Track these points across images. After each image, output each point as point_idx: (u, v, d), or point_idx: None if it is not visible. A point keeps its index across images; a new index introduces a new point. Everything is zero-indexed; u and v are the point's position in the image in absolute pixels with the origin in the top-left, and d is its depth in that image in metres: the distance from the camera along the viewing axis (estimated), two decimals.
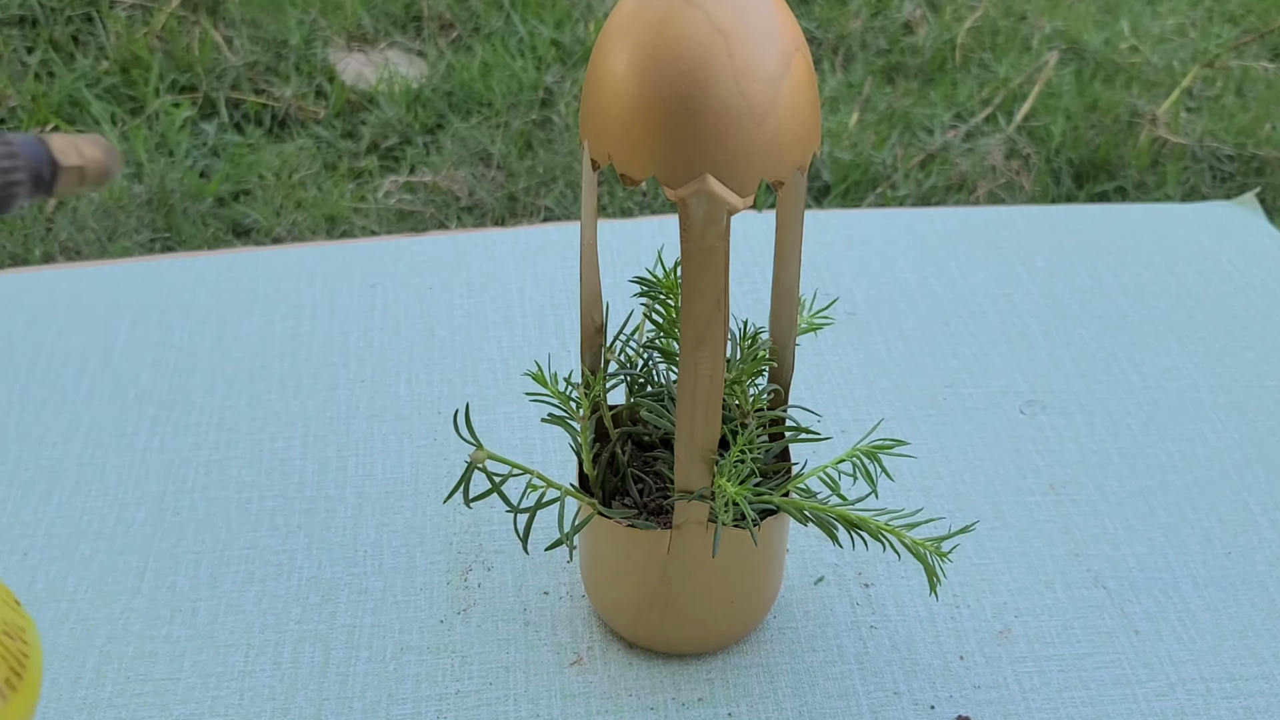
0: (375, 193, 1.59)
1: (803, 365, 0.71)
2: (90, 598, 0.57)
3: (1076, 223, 0.84)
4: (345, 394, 0.69)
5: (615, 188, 1.61)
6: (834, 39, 1.93)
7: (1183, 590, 0.58)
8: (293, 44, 1.81)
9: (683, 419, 0.46)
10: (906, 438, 0.66)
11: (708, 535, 0.49)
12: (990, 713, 0.53)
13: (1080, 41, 1.91)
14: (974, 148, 1.70)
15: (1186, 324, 0.75)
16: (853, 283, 0.78)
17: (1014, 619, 0.57)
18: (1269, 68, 1.88)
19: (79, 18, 1.82)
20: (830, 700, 0.53)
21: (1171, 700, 0.53)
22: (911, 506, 0.62)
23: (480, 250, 0.80)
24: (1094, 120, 1.75)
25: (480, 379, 0.70)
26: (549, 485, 0.48)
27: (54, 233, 1.48)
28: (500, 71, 1.78)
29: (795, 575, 0.59)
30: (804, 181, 0.45)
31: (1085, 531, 0.61)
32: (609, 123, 0.41)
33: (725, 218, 0.41)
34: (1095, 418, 0.68)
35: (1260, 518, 0.62)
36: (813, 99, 0.42)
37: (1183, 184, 1.67)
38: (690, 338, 0.44)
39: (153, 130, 1.65)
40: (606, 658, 0.55)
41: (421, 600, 0.57)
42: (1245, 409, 0.69)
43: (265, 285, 0.77)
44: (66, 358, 0.71)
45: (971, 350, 0.73)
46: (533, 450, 0.65)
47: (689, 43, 0.39)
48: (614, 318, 0.55)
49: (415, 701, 0.53)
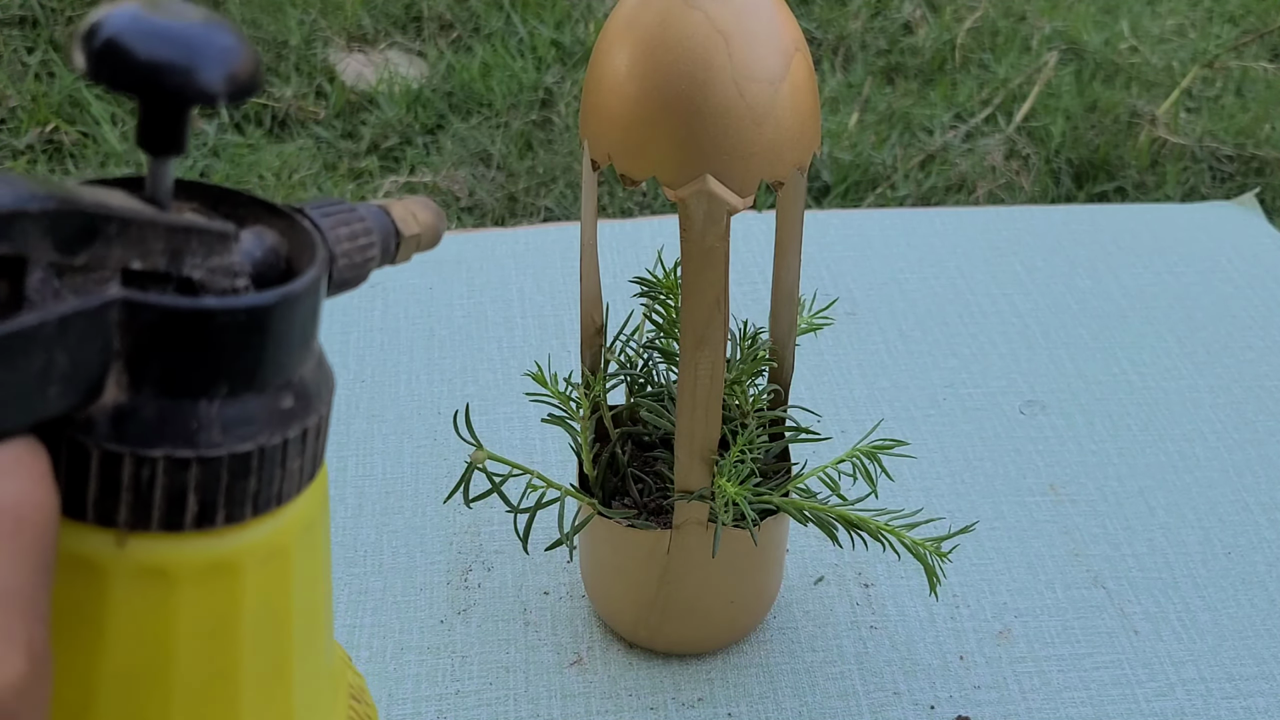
0: (375, 193, 1.59)
1: (803, 365, 0.71)
2: None
3: (1076, 223, 0.84)
4: (345, 394, 0.69)
5: (615, 188, 1.61)
6: (834, 39, 1.93)
7: (1183, 590, 0.58)
8: (293, 44, 1.81)
9: (683, 419, 0.46)
10: (906, 438, 0.66)
11: (708, 535, 0.49)
12: (990, 713, 0.53)
13: (1080, 42, 1.91)
14: (974, 148, 1.70)
15: (1186, 324, 0.75)
16: (853, 283, 0.78)
17: (1014, 619, 0.57)
18: (1269, 68, 1.88)
19: (79, 18, 1.82)
20: (830, 700, 0.53)
21: (1171, 700, 0.53)
22: (911, 507, 0.62)
23: (480, 250, 0.80)
24: (1094, 120, 1.75)
25: (480, 379, 0.70)
26: (549, 485, 0.48)
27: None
28: (500, 72, 1.78)
29: (795, 575, 0.59)
30: (804, 181, 0.45)
31: (1085, 531, 0.61)
32: (609, 123, 0.41)
33: (725, 218, 0.41)
34: (1095, 418, 0.68)
35: (1260, 518, 0.62)
36: (813, 99, 0.42)
37: (1182, 184, 1.67)
38: (690, 338, 0.44)
39: None
40: (606, 658, 0.55)
41: (421, 600, 0.57)
42: (1245, 409, 0.69)
43: None
44: None
45: (971, 350, 0.73)
46: (533, 450, 0.65)
47: (689, 43, 0.39)
48: (614, 318, 0.55)
49: (415, 701, 0.53)
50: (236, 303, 0.23)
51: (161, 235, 0.23)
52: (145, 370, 0.23)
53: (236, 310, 0.23)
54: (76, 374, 0.22)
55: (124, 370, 0.23)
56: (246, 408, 0.24)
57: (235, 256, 0.25)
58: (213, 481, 0.24)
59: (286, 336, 0.24)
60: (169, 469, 0.23)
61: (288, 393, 0.25)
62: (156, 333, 0.23)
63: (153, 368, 0.23)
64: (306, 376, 0.26)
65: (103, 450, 0.23)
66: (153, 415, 0.23)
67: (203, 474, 0.24)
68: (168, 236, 0.23)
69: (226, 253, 0.25)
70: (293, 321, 0.24)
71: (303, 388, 0.25)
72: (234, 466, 0.24)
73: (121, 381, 0.23)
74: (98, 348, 0.22)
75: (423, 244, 0.31)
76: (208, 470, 0.24)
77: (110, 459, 0.23)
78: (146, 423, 0.23)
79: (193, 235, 0.24)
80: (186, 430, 0.23)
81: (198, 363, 0.23)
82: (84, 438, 0.23)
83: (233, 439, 0.24)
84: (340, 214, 0.28)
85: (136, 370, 0.23)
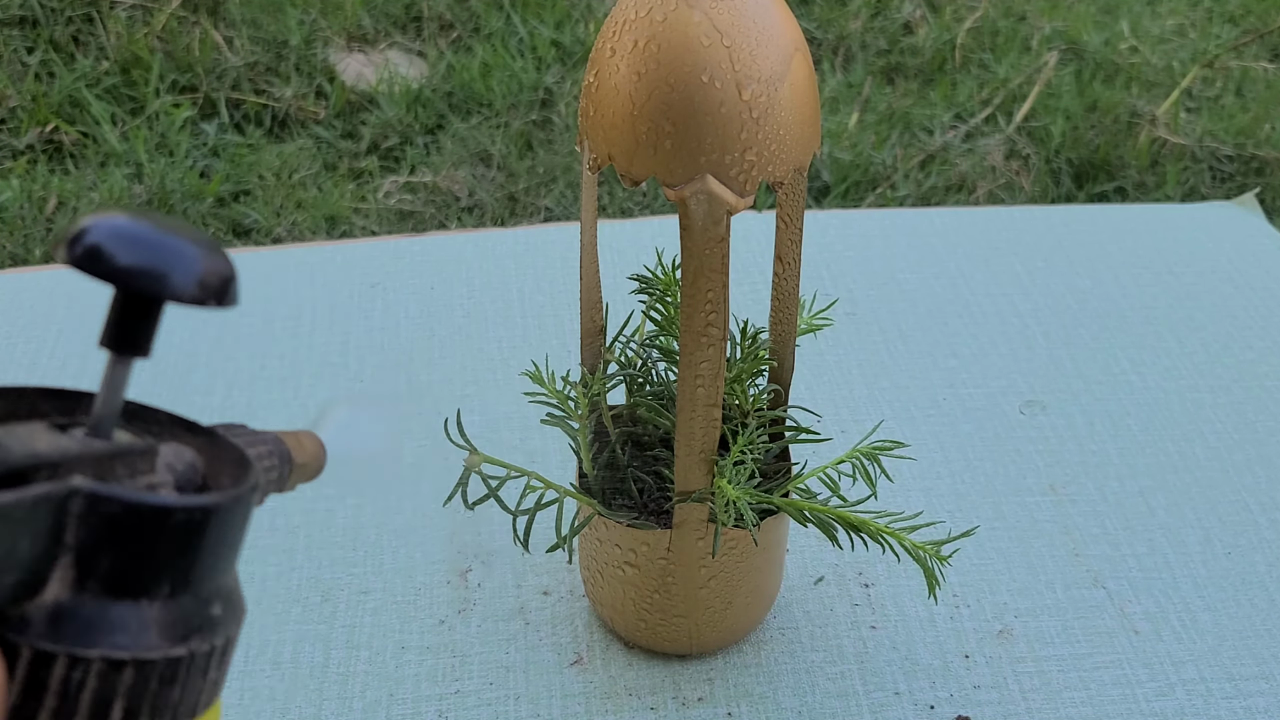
0: (375, 193, 1.59)
1: (803, 365, 0.71)
2: None
3: (1076, 223, 0.84)
4: (345, 394, 0.69)
5: (615, 188, 1.61)
6: (834, 39, 1.93)
7: (1183, 590, 0.58)
8: (293, 44, 1.81)
9: (683, 419, 0.46)
10: (906, 438, 0.66)
11: (708, 535, 0.49)
12: (990, 713, 0.53)
13: (1080, 42, 1.91)
14: (974, 148, 1.70)
15: (1186, 324, 0.75)
16: (853, 283, 0.78)
17: (1014, 619, 0.57)
18: (1269, 68, 1.88)
19: (79, 18, 1.82)
20: (830, 700, 0.53)
21: (1171, 700, 0.53)
22: (912, 506, 0.62)
23: (480, 250, 0.80)
24: (1094, 120, 1.75)
25: (480, 379, 0.70)
26: (548, 486, 0.48)
27: (54, 233, 1.48)
28: (500, 72, 1.78)
29: (795, 575, 0.59)
30: (804, 181, 0.45)
31: (1085, 531, 0.61)
32: (609, 123, 0.41)
33: (725, 218, 0.41)
34: (1095, 418, 0.68)
35: (1260, 518, 0.62)
36: (813, 99, 0.42)
37: (1182, 184, 1.67)
38: (690, 338, 0.44)
39: (153, 130, 1.65)
40: (606, 658, 0.55)
41: (421, 600, 0.57)
42: (1245, 409, 0.69)
43: (265, 285, 0.77)
44: (66, 358, 0.71)
45: (971, 350, 0.73)
46: (533, 450, 0.65)
47: (689, 43, 0.39)
48: (614, 318, 0.55)
49: (415, 701, 0.53)
50: (195, 501, 0.23)
51: (90, 463, 0.23)
52: (94, 566, 0.22)
53: (194, 508, 0.23)
54: (23, 565, 0.21)
55: (72, 565, 0.22)
56: (183, 610, 0.24)
57: (158, 474, 0.25)
58: (142, 687, 0.23)
59: (225, 540, 0.25)
60: (102, 672, 0.22)
61: (218, 599, 0.25)
62: (114, 526, 0.22)
63: (102, 563, 0.22)
64: (230, 586, 0.26)
65: (34, 649, 0.22)
66: (94, 613, 0.22)
67: (135, 678, 0.23)
68: (96, 463, 0.23)
69: (150, 470, 0.25)
70: (232, 526, 0.25)
71: (228, 596, 0.25)
72: (165, 672, 0.23)
73: (67, 577, 0.22)
74: (49, 539, 0.22)
75: (308, 474, 0.32)
76: (140, 674, 0.23)
77: (41, 659, 0.22)
78: (87, 621, 0.22)
79: (118, 458, 0.24)
80: (126, 630, 0.23)
81: (148, 560, 0.23)
82: (15, 635, 0.22)
83: (168, 641, 0.23)
84: (248, 436, 0.29)
85: (85, 565, 0.22)
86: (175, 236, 0.23)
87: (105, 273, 0.23)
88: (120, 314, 0.24)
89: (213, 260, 0.24)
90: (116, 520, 0.22)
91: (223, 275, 0.24)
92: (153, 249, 0.23)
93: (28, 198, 1.52)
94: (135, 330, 0.24)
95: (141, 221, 0.23)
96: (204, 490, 0.26)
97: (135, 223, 0.23)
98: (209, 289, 0.23)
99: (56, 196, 1.53)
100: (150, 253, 0.23)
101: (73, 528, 0.22)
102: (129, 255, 0.23)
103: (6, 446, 0.22)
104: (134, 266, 0.23)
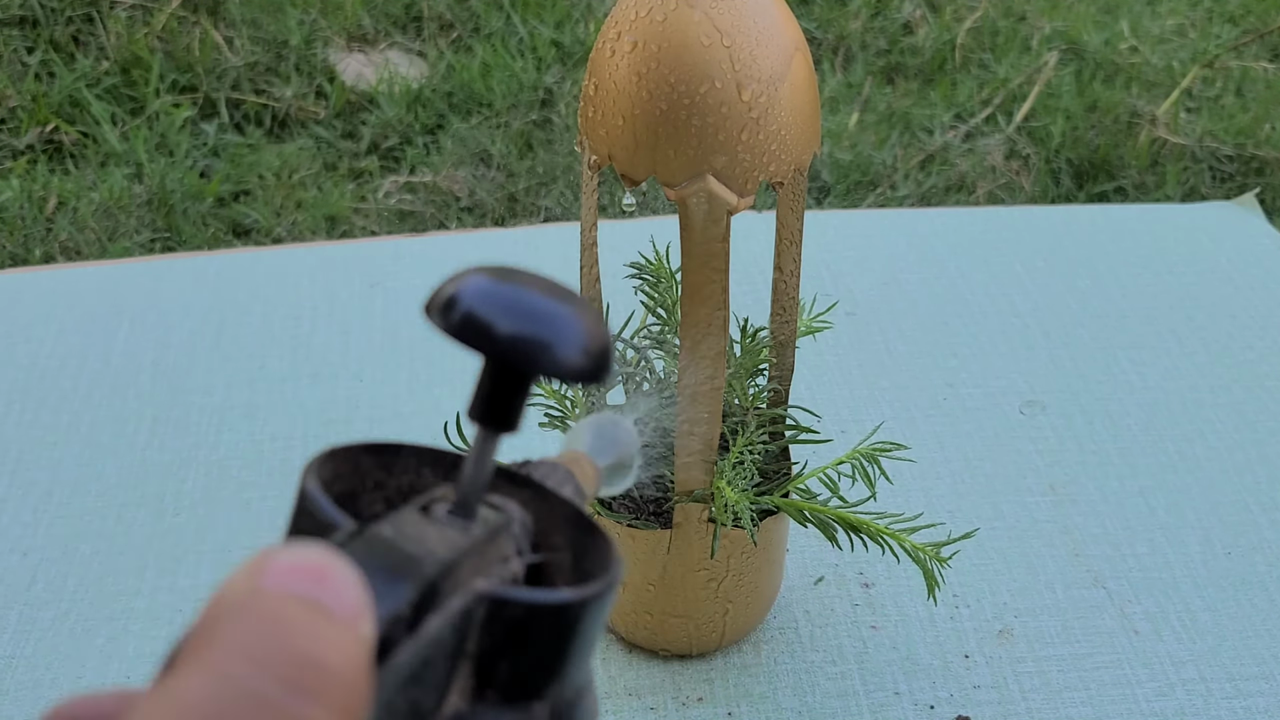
0: (375, 193, 1.59)
1: (803, 365, 0.71)
2: (90, 598, 0.57)
3: (1076, 223, 0.84)
4: (345, 394, 0.69)
5: (615, 188, 1.61)
6: (834, 39, 1.93)
7: (1183, 590, 0.58)
8: (293, 44, 1.81)
9: (683, 419, 0.46)
10: (906, 438, 0.66)
11: (708, 535, 0.49)
12: (990, 713, 0.53)
13: (1080, 42, 1.91)
14: (974, 148, 1.70)
15: (1186, 324, 0.75)
16: (853, 283, 0.78)
17: (1014, 619, 0.57)
18: (1269, 68, 1.88)
19: (79, 18, 1.82)
20: (830, 700, 0.53)
21: (1171, 700, 0.53)
22: (912, 507, 0.62)
23: (480, 250, 0.80)
24: (1094, 120, 1.75)
25: None
26: None
27: (54, 233, 1.48)
28: (500, 72, 1.78)
29: (795, 575, 0.58)
30: (804, 181, 0.45)
31: (1085, 531, 0.61)
32: (609, 123, 0.41)
33: (725, 218, 0.41)
34: (1095, 418, 0.68)
35: (1260, 518, 0.62)
36: (813, 99, 0.42)
37: (1182, 184, 1.67)
38: (690, 338, 0.44)
39: (153, 130, 1.65)
40: (606, 658, 0.55)
41: None
42: (1245, 409, 0.69)
43: (265, 285, 0.77)
44: (66, 358, 0.71)
45: (971, 350, 0.73)
46: (532, 452, 0.65)
47: (689, 42, 0.39)
48: (614, 318, 0.55)
49: None
50: (586, 593, 0.21)
51: (476, 556, 0.22)
52: (494, 673, 0.21)
53: (587, 600, 0.21)
54: (439, 684, 0.20)
55: (471, 674, 0.21)
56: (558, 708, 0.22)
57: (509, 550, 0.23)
58: None
59: (595, 630, 0.23)
60: None
61: (588, 693, 0.23)
62: (514, 630, 0.21)
63: (502, 669, 0.21)
64: (590, 677, 0.24)
65: None
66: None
67: None
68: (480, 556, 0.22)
69: (509, 549, 0.23)
70: (602, 615, 0.23)
71: (588, 689, 0.23)
72: None
73: (467, 687, 0.21)
74: (454, 650, 0.20)
75: (587, 499, 0.30)
76: None
77: None
78: None
79: (490, 543, 0.22)
80: None
81: (543, 660, 0.21)
82: None
83: None
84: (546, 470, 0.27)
85: (485, 673, 0.21)
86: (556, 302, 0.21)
87: (482, 344, 0.21)
88: (492, 386, 0.22)
89: (596, 329, 0.22)
90: (518, 623, 0.21)
91: (605, 346, 0.22)
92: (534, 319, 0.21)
93: (28, 198, 1.52)
94: (508, 404, 0.22)
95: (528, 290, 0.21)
96: (536, 551, 0.24)
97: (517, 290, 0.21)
98: (592, 362, 0.21)
99: (56, 196, 1.53)
100: (532, 323, 0.21)
101: (475, 635, 0.21)
102: (507, 324, 0.21)
103: (414, 557, 0.20)
104: (513, 336, 0.21)
